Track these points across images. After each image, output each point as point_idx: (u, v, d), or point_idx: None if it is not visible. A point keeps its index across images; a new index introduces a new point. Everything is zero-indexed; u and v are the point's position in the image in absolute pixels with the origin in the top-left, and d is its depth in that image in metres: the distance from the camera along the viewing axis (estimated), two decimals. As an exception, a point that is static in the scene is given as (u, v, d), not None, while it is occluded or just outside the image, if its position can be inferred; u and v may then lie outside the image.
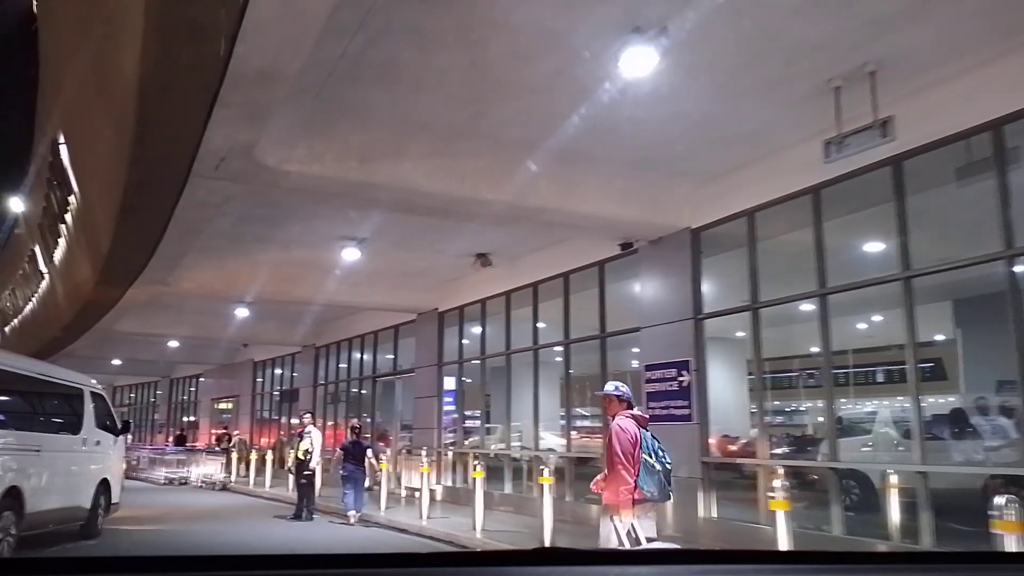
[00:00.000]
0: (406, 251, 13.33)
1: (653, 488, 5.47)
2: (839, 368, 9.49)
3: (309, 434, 12.81)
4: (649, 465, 5.49)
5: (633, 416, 5.78)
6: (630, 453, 5.46)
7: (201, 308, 18.89)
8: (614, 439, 5.56)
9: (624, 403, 5.86)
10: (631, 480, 5.40)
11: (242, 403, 26.79)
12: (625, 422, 5.66)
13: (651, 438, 5.71)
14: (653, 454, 5.55)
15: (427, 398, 16.42)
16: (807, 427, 11.04)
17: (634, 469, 5.44)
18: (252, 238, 12.49)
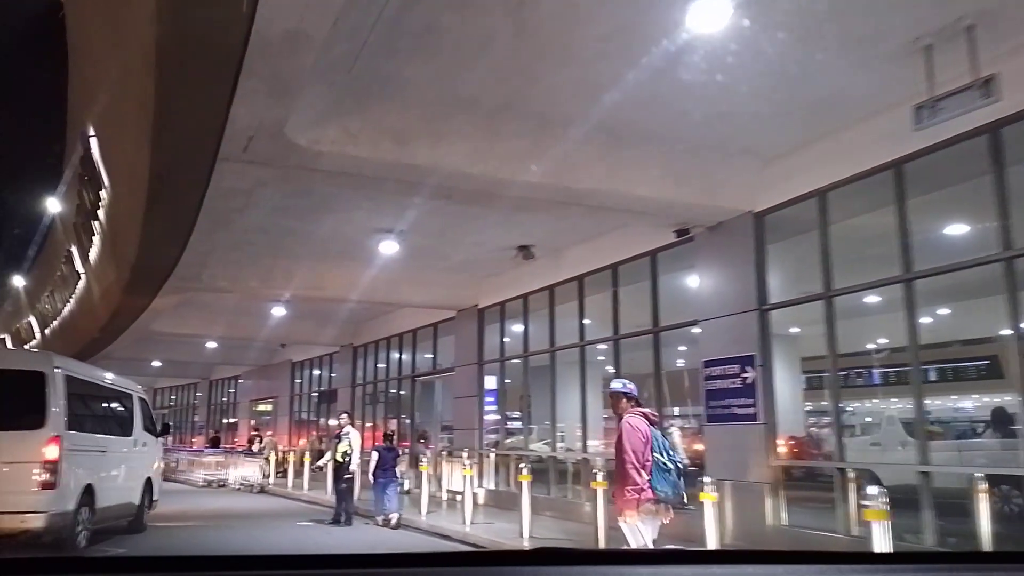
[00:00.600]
0: (445, 244, 12.73)
1: (666, 488, 5.32)
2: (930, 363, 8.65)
3: (347, 435, 12.29)
4: (661, 464, 5.34)
5: (643, 414, 5.60)
6: (641, 452, 5.32)
7: (238, 308, 18.58)
8: (624, 438, 5.41)
9: (632, 400, 5.70)
10: (640, 480, 5.25)
11: (280, 404, 26.54)
12: (636, 420, 5.50)
13: (661, 437, 5.56)
14: (664, 453, 5.39)
15: (467, 398, 15.83)
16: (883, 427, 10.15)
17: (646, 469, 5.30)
18: (286, 232, 12.01)
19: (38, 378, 8.35)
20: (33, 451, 8.02)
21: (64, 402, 8.49)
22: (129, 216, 10.40)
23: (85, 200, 13.15)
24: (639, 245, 11.03)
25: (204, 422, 32.67)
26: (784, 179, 8.84)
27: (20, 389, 8.34)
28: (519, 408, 15.43)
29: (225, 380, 31.53)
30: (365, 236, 11.84)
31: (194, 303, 17.90)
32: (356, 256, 12.92)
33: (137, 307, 15.18)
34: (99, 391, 9.86)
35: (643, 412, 5.62)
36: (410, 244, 12.08)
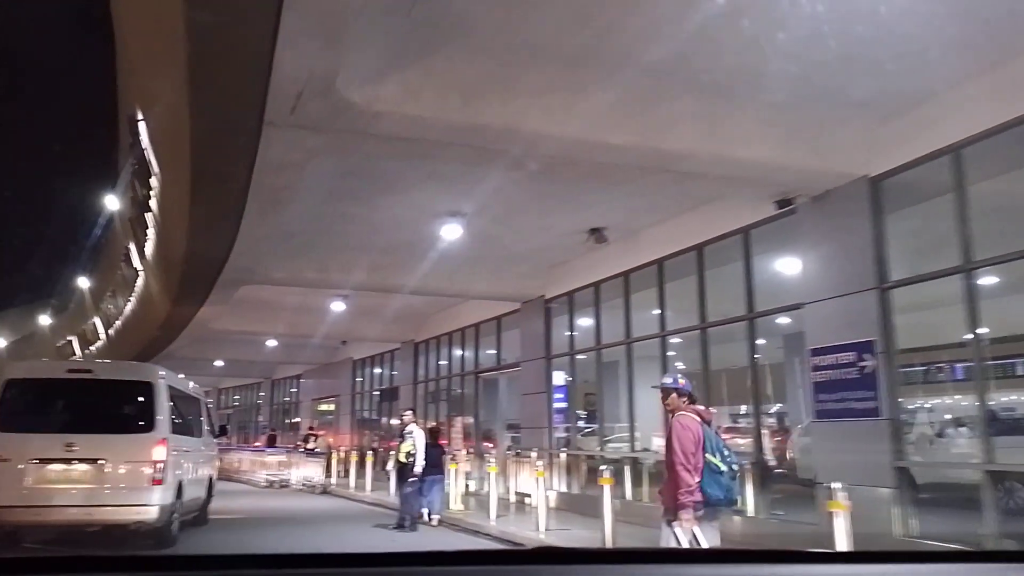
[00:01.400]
0: (511, 229, 11.80)
1: (718, 491, 5.08)
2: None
3: (411, 434, 11.47)
4: (713, 466, 5.10)
5: (696, 412, 5.35)
6: (691, 453, 5.09)
7: (297, 304, 18.02)
8: (674, 437, 5.21)
9: (684, 397, 5.45)
10: (692, 482, 5.02)
11: (342, 403, 26.08)
12: (687, 419, 5.27)
13: (715, 436, 5.33)
14: (717, 453, 5.15)
15: (534, 395, 14.87)
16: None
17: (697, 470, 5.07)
18: (342, 218, 11.26)
19: (147, 387, 9.36)
20: (145, 452, 8.97)
21: (167, 408, 9.49)
22: (177, 203, 9.79)
23: (137, 192, 12.67)
24: (729, 222, 9.89)
25: (267, 422, 32.56)
26: (908, 136, 7.62)
27: (132, 397, 9.36)
28: (586, 406, 14.43)
29: (287, 379, 31.33)
30: (426, 220, 10.99)
31: (252, 300, 17.40)
32: (417, 244, 12.10)
33: (193, 302, 14.70)
34: (183, 397, 10.87)
35: (696, 410, 5.37)
36: (474, 229, 11.18)
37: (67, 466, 8.73)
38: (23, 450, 8.68)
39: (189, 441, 10.64)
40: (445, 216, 10.81)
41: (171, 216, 11.02)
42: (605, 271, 12.67)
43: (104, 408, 9.42)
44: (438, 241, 11.53)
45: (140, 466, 8.91)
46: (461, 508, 13.17)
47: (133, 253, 17.62)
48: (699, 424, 5.25)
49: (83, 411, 9.32)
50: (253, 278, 12.85)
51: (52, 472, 8.68)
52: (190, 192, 8.52)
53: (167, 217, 11.52)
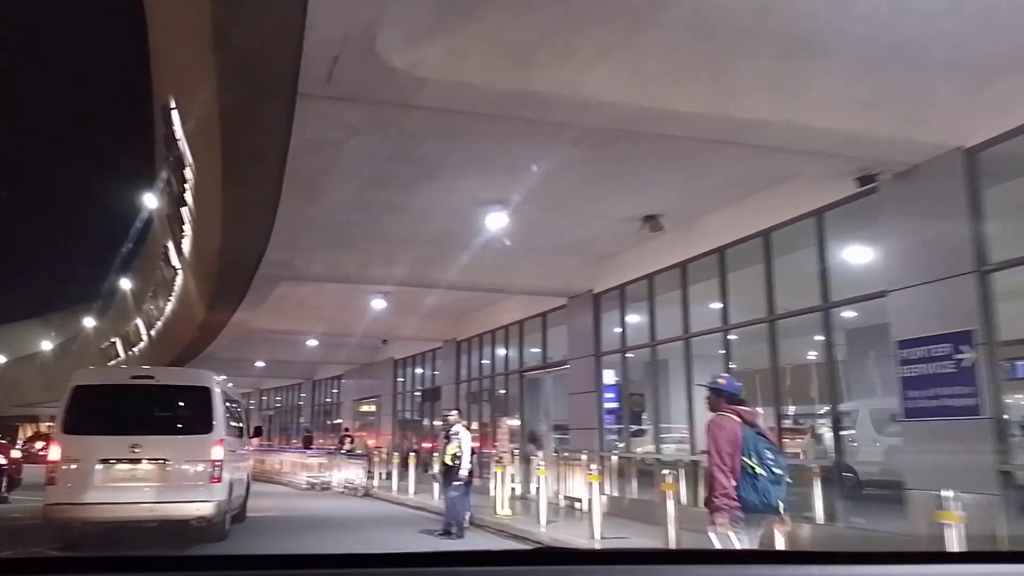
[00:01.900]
0: (559, 217, 11.14)
1: (754, 497, 4.82)
2: None
3: (457, 435, 10.87)
4: (749, 469, 4.86)
5: (737, 412, 5.11)
6: (728, 454, 4.89)
7: (337, 302, 17.63)
8: (710, 439, 5.04)
9: (724, 397, 5.21)
10: (728, 485, 4.83)
11: (383, 404, 25.66)
12: (724, 419, 5.07)
13: (758, 438, 5.02)
14: (755, 455, 4.88)
15: (584, 394, 14.19)
16: None
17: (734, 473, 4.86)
18: (383, 208, 10.72)
19: (205, 392, 9.98)
20: (204, 452, 9.55)
21: (223, 411, 10.19)
22: (210, 193, 9.35)
23: (173, 186, 12.32)
24: (800, 203, 9.10)
25: (308, 423, 32.35)
26: (1010, 101, 6.78)
27: (191, 401, 9.97)
28: (631, 407, 13.70)
29: (328, 380, 31.07)
30: (471, 209, 10.40)
31: (292, 298, 17.08)
32: (460, 235, 11.51)
33: (231, 300, 14.33)
34: (231, 401, 11.62)
35: (736, 410, 5.11)
36: (520, 218, 10.54)
37: (132, 466, 9.33)
38: (91, 451, 9.26)
39: (234, 442, 11.17)
40: (490, 204, 10.21)
41: (206, 208, 10.61)
42: (660, 262, 11.94)
43: (166, 411, 10.16)
44: (483, 232, 10.93)
45: (200, 465, 9.55)
46: (508, 513, 12.55)
47: (171, 252, 17.40)
48: (738, 425, 5.01)
49: (146, 414, 9.93)
50: (291, 273, 12.40)
51: (119, 471, 9.27)
52: (222, 178, 8.05)
53: (202, 209, 11.13)
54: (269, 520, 12.85)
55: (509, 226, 10.80)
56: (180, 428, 9.92)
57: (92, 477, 9.10)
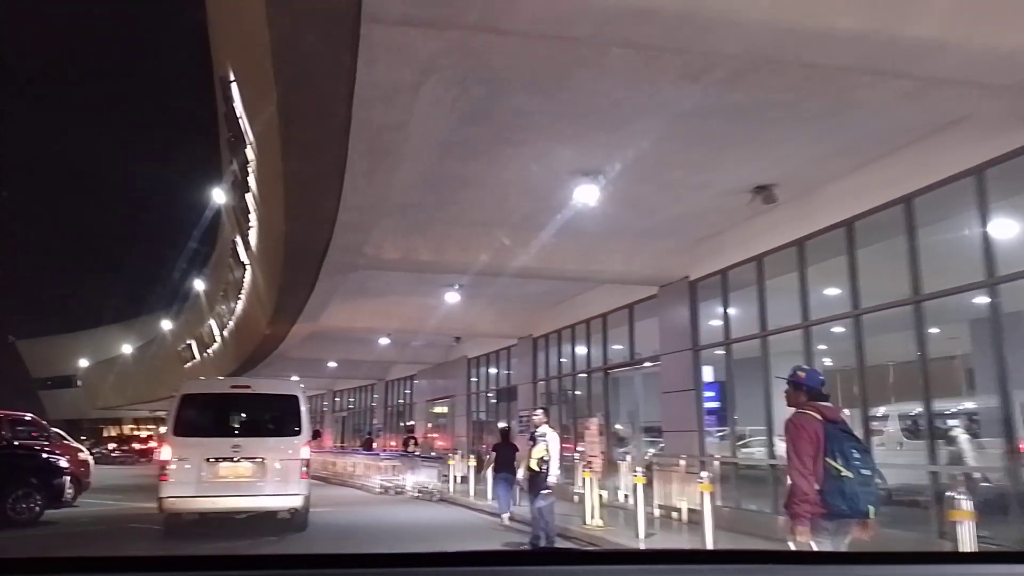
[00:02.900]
0: (656, 189, 9.85)
1: (840, 501, 4.31)
2: None
3: (543, 437, 9.69)
4: (833, 471, 4.34)
5: (817, 410, 4.61)
6: (809, 456, 4.41)
7: (410, 297, 16.71)
8: (787, 440, 4.60)
9: (804, 392, 4.74)
10: (808, 489, 4.35)
11: (457, 404, 24.73)
12: (803, 418, 4.60)
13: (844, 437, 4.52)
14: (840, 456, 4.36)
15: (679, 392, 12.82)
16: None
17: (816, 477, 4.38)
18: (458, 184, 9.67)
19: (294, 400, 11.33)
20: (295, 451, 10.89)
21: (308, 416, 11.48)
22: (271, 166, 8.42)
23: (236, 171, 11.53)
24: (954, 161, 7.57)
25: (381, 424, 31.76)
26: None
27: (282, 408, 11.25)
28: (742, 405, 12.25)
29: (400, 380, 30.39)
30: (557, 182, 9.24)
31: (365, 292, 16.25)
32: (542, 217, 10.36)
33: (300, 292, 13.51)
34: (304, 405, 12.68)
35: (818, 407, 4.67)
36: (612, 193, 9.32)
37: (233, 464, 10.58)
38: (198, 451, 10.53)
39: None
40: (579, 175, 9.01)
41: (268, 188, 9.75)
42: (770, 241, 10.51)
43: (261, 416, 11.49)
44: (567, 211, 9.76)
45: (291, 463, 10.81)
46: (600, 524, 11.31)
47: (239, 247, 16.82)
48: (819, 423, 4.57)
49: (244, 419, 11.41)
50: (361, 261, 11.47)
51: (221, 469, 10.55)
52: (282, 143, 7.09)
53: (265, 191, 10.29)
54: (334, 529, 11.98)
55: (597, 204, 9.61)
56: (273, 431, 11.22)
57: (198, 474, 10.42)
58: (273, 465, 10.72)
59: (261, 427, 11.35)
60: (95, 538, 10.20)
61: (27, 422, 14.10)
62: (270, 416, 11.48)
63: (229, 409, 11.49)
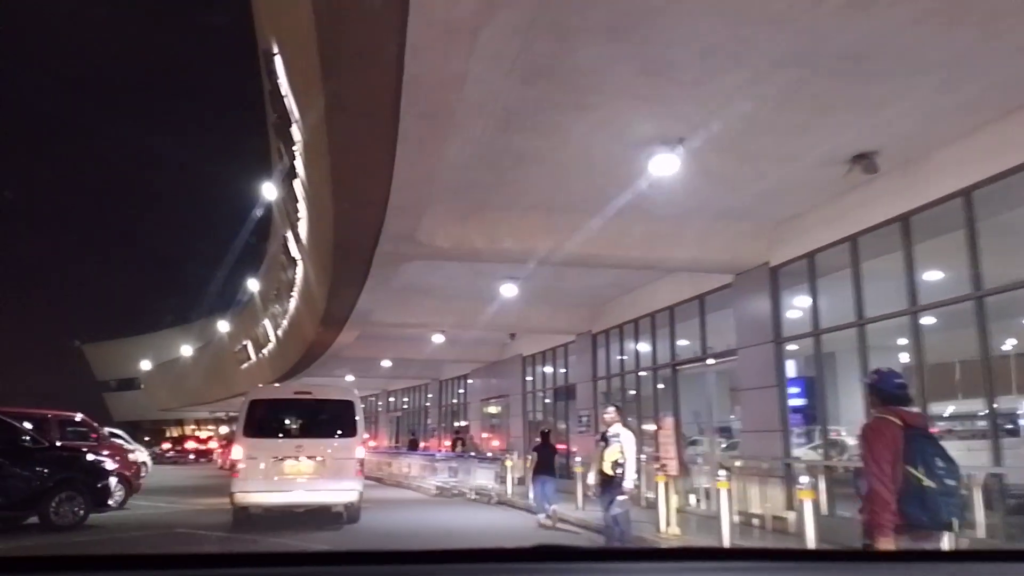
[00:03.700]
0: (740, 161, 8.83)
1: (920, 512, 3.96)
2: None
3: (617, 438, 8.75)
4: (914, 480, 3.98)
5: (897, 414, 4.17)
6: (888, 463, 4.04)
7: (463, 289, 15.93)
8: (863, 445, 4.24)
9: (880, 395, 4.30)
10: (889, 499, 3.99)
11: (512, 404, 23.88)
12: (880, 422, 4.21)
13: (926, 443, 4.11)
14: (921, 464, 4.00)
15: (758, 390, 11.72)
16: None
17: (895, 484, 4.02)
18: (517, 159, 8.80)
19: (350, 404, 12.42)
20: (352, 451, 11.93)
21: (362, 419, 12.56)
22: (317, 141, 7.69)
23: (280, 151, 10.89)
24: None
25: (435, 424, 31.15)
26: None
27: (340, 411, 12.27)
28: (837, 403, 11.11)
29: (454, 380, 29.72)
30: (628, 154, 8.30)
31: (418, 288, 15.56)
32: (607, 197, 9.42)
33: (351, 286, 12.84)
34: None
35: (897, 412, 4.18)
36: (689, 166, 8.33)
37: (296, 462, 11.58)
38: (265, 451, 11.59)
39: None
40: (654, 144, 8.05)
41: (315, 169, 9.05)
42: (868, 218, 9.38)
43: (321, 419, 12.34)
44: (638, 186, 8.82)
45: (348, 462, 11.82)
46: (676, 532, 10.33)
47: (290, 241, 16.31)
48: (899, 428, 4.23)
49: (306, 421, 12.27)
50: (414, 250, 10.69)
51: (287, 467, 11.55)
52: (327, 104, 6.32)
53: (312, 172, 9.59)
54: (381, 536, 11.26)
55: (669, 182, 8.66)
56: (331, 432, 12.10)
57: (265, 471, 11.43)
58: (331, 463, 11.70)
59: (321, 429, 12.23)
60: (136, 544, 9.65)
61: (77, 422, 13.75)
62: (328, 419, 12.37)
63: (292, 412, 12.49)
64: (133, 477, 14.27)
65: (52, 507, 10.45)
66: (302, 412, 12.46)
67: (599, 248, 10.79)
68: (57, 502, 10.51)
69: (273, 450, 11.65)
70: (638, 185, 8.86)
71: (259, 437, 11.75)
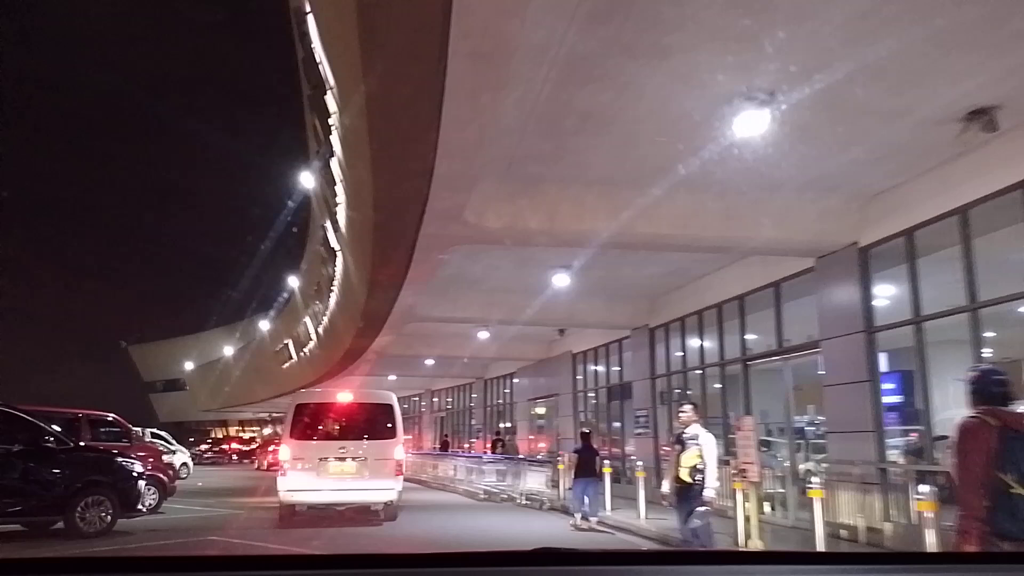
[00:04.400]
0: (838, 119, 7.61)
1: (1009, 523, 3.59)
2: None
3: (695, 440, 7.63)
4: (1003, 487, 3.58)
5: (996, 415, 3.71)
6: (978, 465, 3.66)
7: (509, 280, 14.94)
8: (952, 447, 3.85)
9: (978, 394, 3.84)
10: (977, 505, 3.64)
11: (561, 404, 22.81)
12: (972, 423, 3.75)
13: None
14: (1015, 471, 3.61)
15: (846, 386, 10.49)
16: None
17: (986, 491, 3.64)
18: (579, 123, 7.77)
19: (388, 408, 12.96)
20: (392, 452, 12.36)
21: (401, 421, 13.07)
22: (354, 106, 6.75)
23: (319, 132, 10.02)
24: None
25: (481, 425, 30.23)
26: None
27: (380, 414, 12.87)
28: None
29: (500, 379, 28.75)
30: (710, 109, 7.20)
31: (462, 279, 14.64)
32: (680, 165, 8.29)
33: (394, 273, 11.92)
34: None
35: (995, 412, 3.74)
36: (782, 122, 7.20)
37: (340, 463, 12.07)
38: (311, 453, 12.10)
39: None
40: (742, 97, 6.93)
41: (354, 136, 8.13)
42: (982, 186, 8.12)
43: (362, 422, 12.84)
44: (721, 151, 7.71)
45: (387, 462, 12.29)
46: (760, 545, 9.15)
47: (329, 232, 15.51)
48: (994, 430, 3.70)
49: (349, 424, 12.79)
50: (461, 232, 9.69)
51: (330, 467, 12.03)
52: (362, 51, 5.35)
53: (350, 140, 8.67)
54: (421, 542, 10.35)
55: (754, 148, 7.57)
56: (374, 434, 12.57)
57: (311, 472, 11.93)
58: (372, 464, 12.15)
59: (362, 431, 12.66)
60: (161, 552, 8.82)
61: (109, 422, 13.10)
62: (369, 421, 12.89)
63: (335, 416, 12.99)
64: (168, 480, 13.56)
65: (78, 512, 9.72)
66: (344, 415, 13.01)
67: (669, 227, 9.70)
68: (83, 507, 9.78)
69: (317, 451, 12.14)
70: (718, 150, 7.76)
71: (304, 439, 12.36)
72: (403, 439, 13.11)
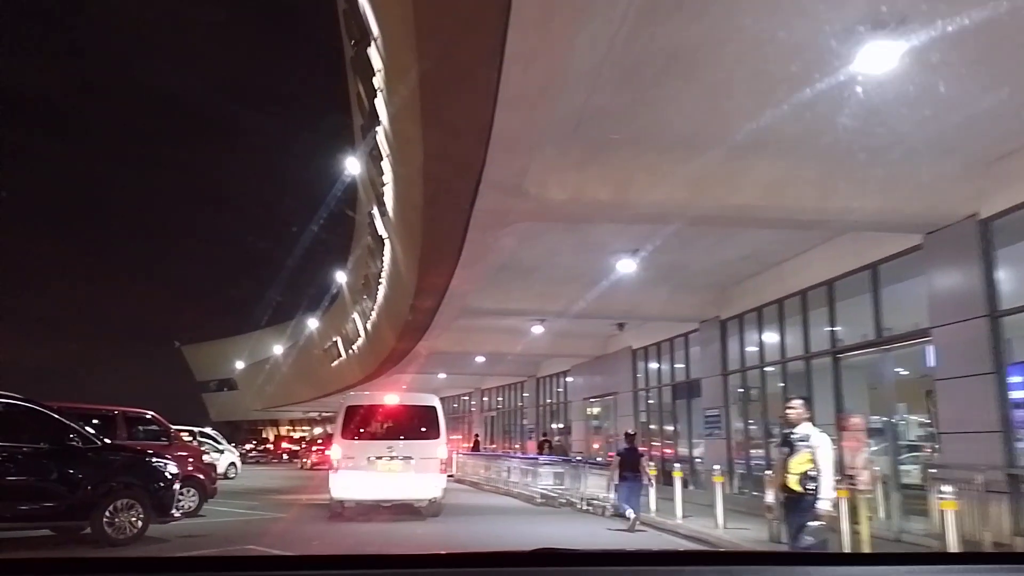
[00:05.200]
0: (974, 56, 6.32)
1: None
2: None
3: (805, 442, 6.38)
4: None
5: None
6: None
7: (567, 267, 13.80)
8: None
9: None
10: None
11: (620, 402, 21.55)
12: None
13: None
14: None
15: (964, 379, 9.09)
16: None
17: None
18: (659, 69, 6.62)
19: (432, 409, 13.76)
20: (436, 451, 13.15)
21: (444, 422, 13.82)
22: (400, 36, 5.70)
23: (363, 101, 9.04)
24: None
25: (532, 424, 29.11)
26: None
27: (425, 415, 13.62)
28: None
29: (552, 377, 27.58)
30: (822, 44, 5.97)
31: (517, 267, 13.54)
32: (777, 120, 7.04)
33: (445, 256, 10.91)
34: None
35: None
36: (909, 62, 5.93)
37: (388, 461, 12.68)
38: (361, 452, 12.75)
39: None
40: (868, 24, 5.68)
41: (400, 97, 7.10)
42: None
43: (409, 423, 13.46)
44: (831, 98, 6.48)
45: (432, 461, 12.89)
46: (871, 565, 7.84)
47: (377, 219, 14.60)
48: None
49: (396, 425, 13.44)
50: (521, 205, 8.57)
51: (380, 465, 12.64)
52: None
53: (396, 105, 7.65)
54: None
55: (873, 94, 6.29)
56: (419, 434, 13.18)
57: (362, 470, 12.55)
58: (417, 462, 12.74)
59: (408, 431, 13.25)
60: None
61: (147, 420, 12.38)
62: (414, 422, 13.47)
63: (383, 417, 13.67)
64: (209, 481, 12.78)
65: (106, 517, 8.92)
66: (391, 416, 13.65)
67: (758, 197, 8.45)
68: (112, 511, 8.97)
69: (367, 451, 12.76)
70: (825, 102, 6.52)
71: (354, 439, 13.01)
72: (447, 439, 13.71)
